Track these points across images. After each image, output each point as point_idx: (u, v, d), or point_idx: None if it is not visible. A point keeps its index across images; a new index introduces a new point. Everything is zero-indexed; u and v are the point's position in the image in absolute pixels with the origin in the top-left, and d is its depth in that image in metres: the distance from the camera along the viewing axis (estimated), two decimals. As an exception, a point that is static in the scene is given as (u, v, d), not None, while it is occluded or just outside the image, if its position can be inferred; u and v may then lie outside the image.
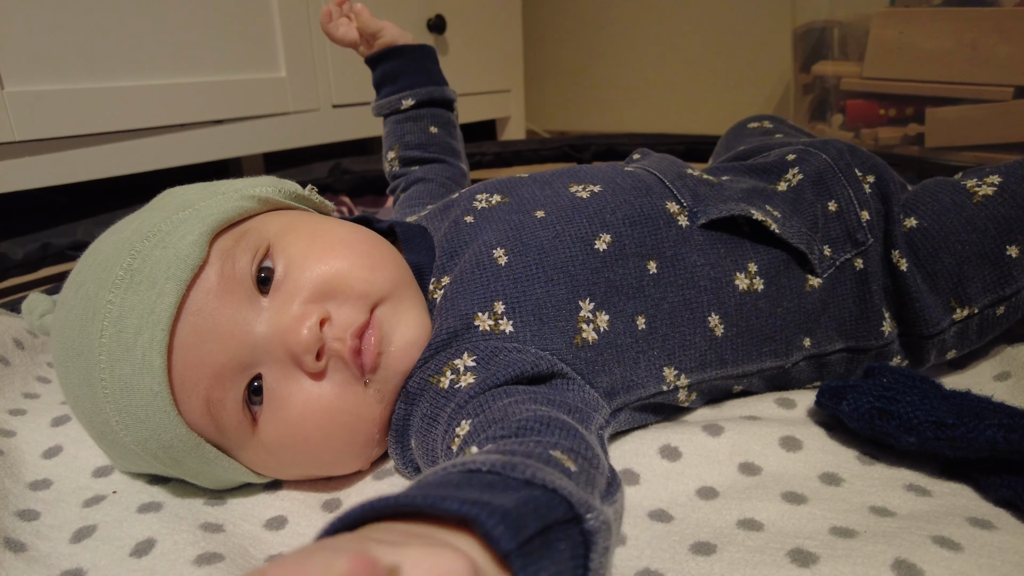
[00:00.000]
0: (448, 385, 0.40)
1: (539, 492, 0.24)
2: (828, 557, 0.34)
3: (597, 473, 0.30)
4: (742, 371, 0.48)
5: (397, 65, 0.70)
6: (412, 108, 0.69)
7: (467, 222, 0.48)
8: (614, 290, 0.45)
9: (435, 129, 0.69)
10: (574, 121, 1.99)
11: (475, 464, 0.25)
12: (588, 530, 0.24)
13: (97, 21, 0.96)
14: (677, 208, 0.49)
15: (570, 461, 0.29)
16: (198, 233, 0.39)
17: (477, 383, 0.39)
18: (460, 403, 0.39)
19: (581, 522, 0.24)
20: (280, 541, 0.40)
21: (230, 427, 0.39)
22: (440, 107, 0.70)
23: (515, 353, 0.41)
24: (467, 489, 0.23)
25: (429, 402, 0.41)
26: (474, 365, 0.41)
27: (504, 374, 0.39)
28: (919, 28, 1.04)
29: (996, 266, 0.49)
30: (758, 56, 1.60)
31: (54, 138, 0.95)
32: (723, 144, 0.75)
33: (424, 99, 0.69)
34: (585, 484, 0.28)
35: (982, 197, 0.50)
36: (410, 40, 0.71)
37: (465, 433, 0.36)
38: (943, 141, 1.05)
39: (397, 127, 0.70)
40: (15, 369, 0.57)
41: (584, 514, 0.24)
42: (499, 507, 0.21)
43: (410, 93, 0.69)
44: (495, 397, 0.37)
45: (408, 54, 0.70)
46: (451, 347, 0.42)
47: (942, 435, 0.39)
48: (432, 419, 0.40)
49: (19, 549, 0.38)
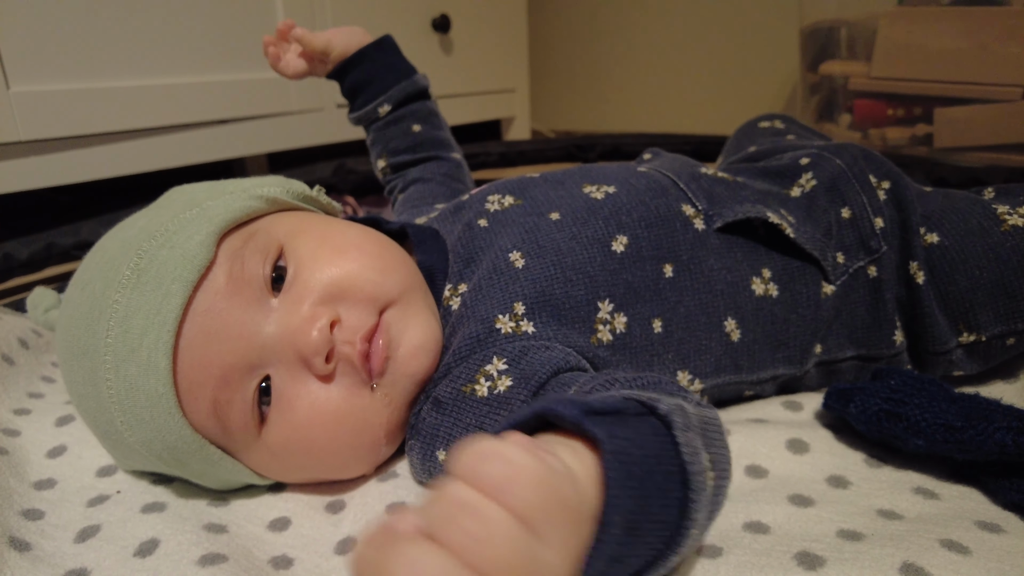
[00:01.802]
0: (487, 392, 0.40)
1: (609, 398, 0.27)
2: (835, 560, 0.34)
3: (681, 399, 0.31)
4: (756, 377, 0.48)
5: (361, 73, 0.67)
6: (390, 112, 0.67)
7: (481, 226, 0.48)
8: (632, 292, 0.45)
9: (418, 127, 0.67)
10: (579, 121, 1.98)
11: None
12: (662, 414, 0.26)
13: (102, 21, 0.97)
14: (693, 211, 0.48)
15: (649, 392, 0.31)
16: (205, 233, 0.39)
17: (517, 384, 0.39)
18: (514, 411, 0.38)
19: (655, 411, 0.26)
20: (283, 542, 0.40)
21: (236, 429, 0.39)
22: (417, 101, 0.68)
23: (544, 351, 0.41)
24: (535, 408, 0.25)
25: (470, 412, 0.40)
26: (506, 367, 0.40)
27: (544, 372, 0.39)
28: (928, 28, 1.03)
29: (1012, 298, 0.48)
30: (765, 55, 1.60)
31: (59, 138, 0.95)
32: (733, 143, 0.75)
33: (400, 99, 0.67)
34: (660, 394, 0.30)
35: (1010, 227, 0.48)
36: (362, 38, 0.68)
37: None
38: (952, 141, 1.05)
39: (380, 135, 0.68)
40: (20, 369, 0.57)
41: (655, 404, 0.27)
42: (565, 399, 0.24)
43: (384, 98, 0.67)
44: (554, 390, 0.38)
45: (368, 57, 0.67)
46: (477, 354, 0.42)
47: (950, 438, 0.39)
48: (479, 428, 0.39)
49: (24, 548, 0.38)
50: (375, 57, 0.67)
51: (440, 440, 0.41)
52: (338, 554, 0.38)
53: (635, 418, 0.25)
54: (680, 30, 1.73)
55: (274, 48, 0.68)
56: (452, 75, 1.55)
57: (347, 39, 0.67)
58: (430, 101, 0.69)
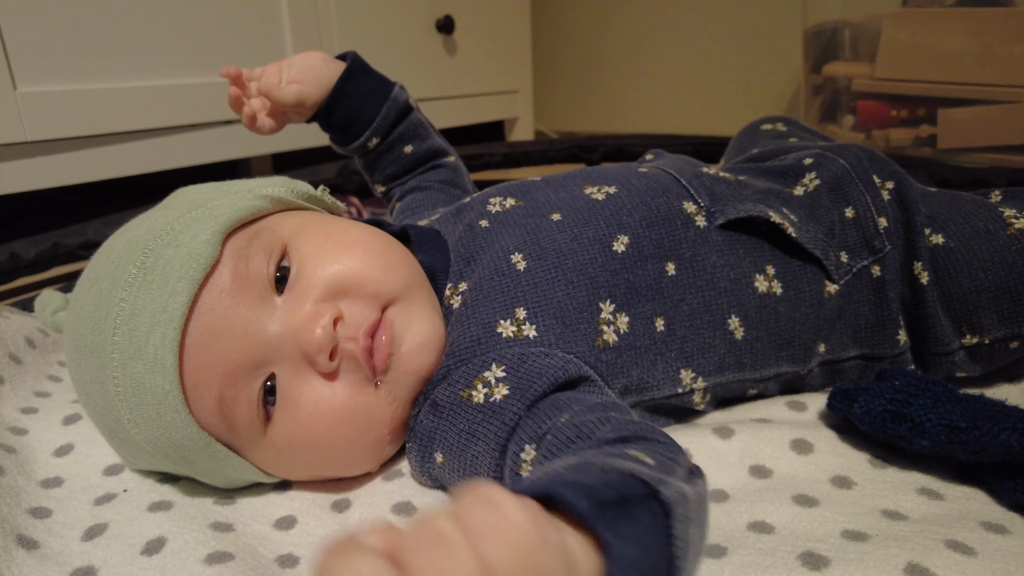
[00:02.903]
0: (483, 399, 0.40)
1: (615, 475, 0.26)
2: (840, 560, 0.34)
3: (676, 465, 0.31)
4: (760, 375, 0.48)
5: (343, 112, 0.62)
6: (379, 144, 0.64)
7: (482, 227, 0.48)
8: (633, 292, 0.45)
9: (410, 148, 0.65)
10: (583, 122, 1.98)
11: (550, 468, 0.27)
12: (665, 500, 0.25)
13: (107, 22, 0.97)
14: (694, 208, 0.48)
15: (647, 457, 0.30)
16: (211, 232, 0.39)
17: (513, 395, 0.39)
18: (507, 423, 0.38)
19: (657, 495, 0.25)
20: (290, 541, 0.40)
21: (242, 426, 0.40)
22: (403, 120, 0.64)
23: (543, 358, 0.40)
24: (542, 480, 0.24)
25: (465, 418, 0.40)
26: (504, 375, 0.40)
27: (540, 384, 0.38)
28: (932, 29, 1.03)
29: (1016, 302, 0.48)
30: (768, 57, 1.60)
31: (65, 138, 0.95)
32: (735, 145, 0.75)
33: (387, 129, 0.63)
34: (661, 472, 0.29)
35: (1016, 231, 0.48)
36: (329, 72, 0.61)
37: (532, 459, 0.36)
38: (956, 143, 1.05)
39: (372, 163, 0.66)
40: (27, 368, 0.57)
41: (658, 487, 0.25)
42: (575, 481, 0.23)
43: (372, 131, 0.63)
44: (547, 415, 0.37)
45: (345, 93, 0.62)
46: (476, 357, 0.42)
47: (955, 439, 0.39)
48: (470, 435, 0.39)
49: (32, 546, 0.38)
50: (351, 91, 0.62)
51: (436, 443, 0.41)
52: (344, 553, 0.39)
53: (639, 506, 0.25)
54: (683, 31, 1.73)
55: (248, 108, 0.62)
56: (456, 76, 1.56)
57: (316, 79, 0.61)
58: (414, 113, 0.65)
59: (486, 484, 0.20)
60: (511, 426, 0.37)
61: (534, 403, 0.38)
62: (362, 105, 0.62)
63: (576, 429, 0.34)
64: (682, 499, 0.26)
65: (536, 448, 0.36)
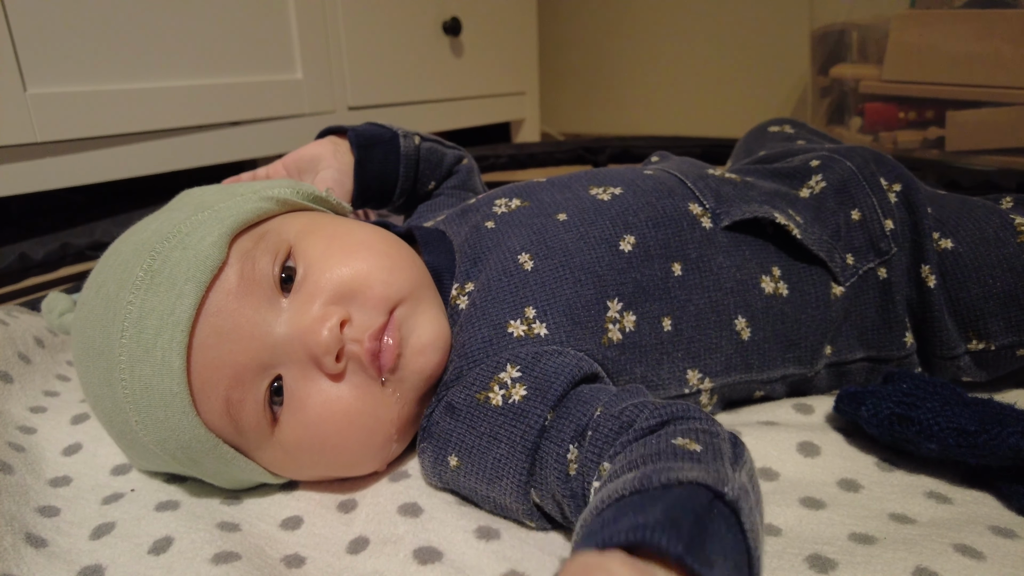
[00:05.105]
0: (502, 402, 0.40)
1: (679, 490, 0.27)
2: (847, 564, 0.33)
3: (721, 441, 0.32)
4: (766, 376, 0.48)
5: (370, 197, 0.61)
6: (408, 197, 0.63)
7: (488, 227, 0.48)
8: (641, 291, 0.45)
9: (432, 184, 0.64)
10: (589, 124, 1.98)
11: (616, 492, 0.28)
12: (730, 501, 0.27)
13: (117, 23, 0.98)
14: (700, 210, 0.48)
15: (693, 443, 0.31)
16: (217, 234, 0.39)
17: (533, 396, 0.39)
18: (532, 426, 0.38)
19: (723, 497, 0.27)
20: (296, 541, 0.40)
21: (249, 428, 0.40)
22: (418, 165, 0.62)
23: (557, 357, 0.41)
24: (623, 519, 0.26)
25: (484, 420, 0.40)
26: (520, 375, 0.40)
27: (559, 385, 0.39)
28: (940, 30, 1.03)
29: None
30: (775, 58, 1.59)
31: (75, 139, 0.96)
32: (742, 147, 0.75)
33: (410, 184, 0.62)
34: (713, 459, 0.30)
35: None
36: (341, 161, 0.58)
37: (576, 457, 0.36)
38: (964, 145, 1.04)
39: (400, 208, 0.65)
40: (36, 367, 0.58)
41: (722, 489, 0.27)
42: (655, 521, 0.24)
43: (398, 194, 0.62)
44: (578, 411, 0.37)
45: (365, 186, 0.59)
46: (490, 359, 0.42)
47: (964, 442, 0.39)
48: (492, 438, 0.39)
49: (40, 545, 0.39)
50: (367, 176, 0.60)
51: (452, 446, 0.41)
52: (350, 553, 0.39)
53: (714, 519, 0.26)
54: (690, 33, 1.73)
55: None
56: (462, 78, 1.56)
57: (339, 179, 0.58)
58: (422, 147, 0.62)
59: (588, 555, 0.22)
60: (537, 429, 0.38)
61: (556, 403, 0.38)
62: (383, 177, 0.60)
63: (615, 420, 0.35)
64: (744, 493, 0.28)
65: (579, 447, 0.36)
